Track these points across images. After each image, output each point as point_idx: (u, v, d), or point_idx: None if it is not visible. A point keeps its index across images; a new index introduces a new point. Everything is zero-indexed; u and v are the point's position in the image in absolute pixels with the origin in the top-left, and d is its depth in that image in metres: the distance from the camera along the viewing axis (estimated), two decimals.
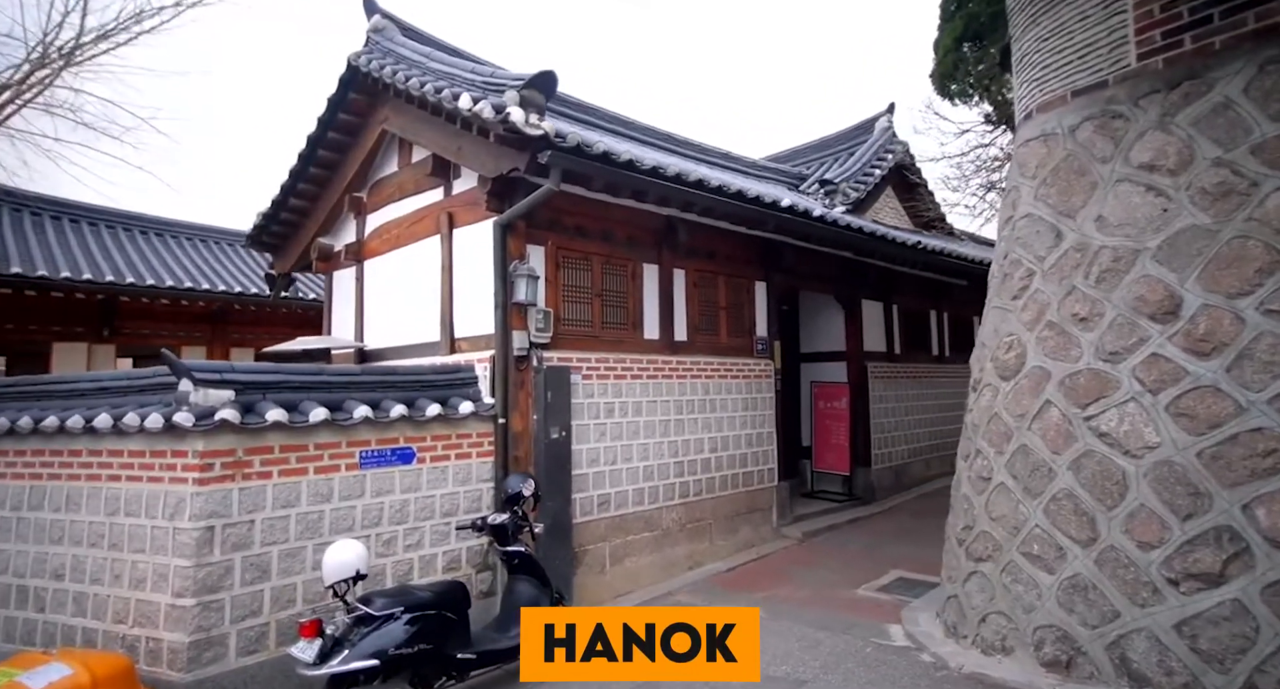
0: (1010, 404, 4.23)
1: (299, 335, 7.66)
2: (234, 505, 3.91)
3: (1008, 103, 7.14)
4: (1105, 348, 3.79)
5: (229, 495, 3.90)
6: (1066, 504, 3.79)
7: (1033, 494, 3.97)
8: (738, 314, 7.57)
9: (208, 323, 11.59)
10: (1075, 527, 3.72)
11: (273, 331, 11.39)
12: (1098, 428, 3.72)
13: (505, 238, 5.45)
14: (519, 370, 5.44)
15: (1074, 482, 3.78)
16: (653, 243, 6.67)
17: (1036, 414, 4.05)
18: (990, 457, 4.34)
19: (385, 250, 7.07)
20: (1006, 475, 4.16)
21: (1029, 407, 4.10)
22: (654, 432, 6.45)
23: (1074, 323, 3.96)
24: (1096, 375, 3.81)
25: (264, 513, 4.03)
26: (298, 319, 11.93)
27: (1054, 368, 4.01)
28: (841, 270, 9.16)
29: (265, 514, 4.03)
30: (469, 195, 5.97)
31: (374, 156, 7.20)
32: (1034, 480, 3.97)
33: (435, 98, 5.31)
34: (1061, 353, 3.99)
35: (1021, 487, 4.04)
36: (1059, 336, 4.03)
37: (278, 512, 4.08)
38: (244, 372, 4.11)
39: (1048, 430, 3.97)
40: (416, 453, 4.81)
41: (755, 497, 7.49)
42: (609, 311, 6.24)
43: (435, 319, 6.18)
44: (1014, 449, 4.14)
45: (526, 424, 5.44)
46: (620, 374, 6.20)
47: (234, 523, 3.91)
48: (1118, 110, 3.94)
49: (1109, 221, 3.90)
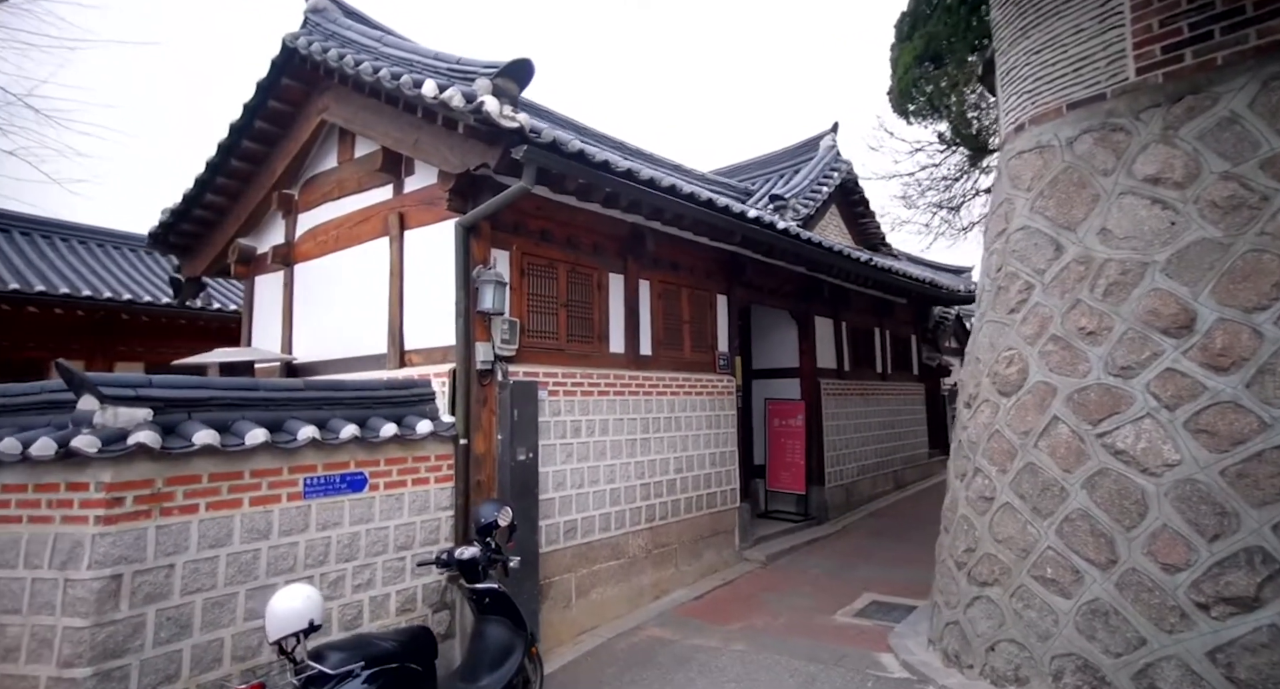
0: (1013, 421, 4.09)
1: (203, 350, 6.77)
2: (149, 548, 3.24)
3: (966, 121, 7.24)
4: (1116, 362, 3.69)
5: (143, 536, 3.22)
6: (1081, 525, 3.64)
7: (1043, 514, 3.82)
8: (700, 328, 7.28)
9: (89, 335, 10.14)
10: (1092, 548, 3.57)
11: (174, 345, 10.19)
12: (1113, 445, 3.60)
13: (468, 240, 4.95)
14: (482, 386, 4.93)
15: (1089, 501, 3.64)
16: (618, 251, 6.31)
17: (1043, 431, 3.91)
18: (992, 475, 4.18)
19: (320, 253, 6.39)
20: (1012, 495, 3.99)
21: (1034, 423, 3.96)
22: (620, 452, 6.04)
23: (1081, 337, 3.85)
24: (1108, 391, 3.70)
25: (187, 555, 3.36)
26: (203, 331, 10.77)
27: (1060, 383, 3.89)
28: (797, 286, 9.07)
29: (189, 556, 3.36)
30: (424, 194, 5.44)
31: (309, 150, 6.53)
32: (1044, 500, 3.82)
33: (392, 84, 4.78)
34: (1068, 367, 3.88)
35: (1030, 507, 3.88)
36: (1064, 351, 3.92)
37: (204, 552, 3.42)
38: (165, 386, 3.44)
39: (1057, 448, 3.83)
40: (369, 479, 4.22)
41: (719, 519, 7.17)
42: (575, 323, 5.81)
43: (382, 329, 5.57)
44: (1019, 468, 3.99)
45: (490, 445, 4.92)
46: (587, 390, 5.76)
47: (148, 569, 3.23)
48: (1118, 123, 3.90)
49: (1114, 234, 3.82)
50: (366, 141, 5.92)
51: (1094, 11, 3.99)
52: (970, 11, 7.01)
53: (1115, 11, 3.90)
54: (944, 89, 6.97)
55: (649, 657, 4.93)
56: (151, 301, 9.86)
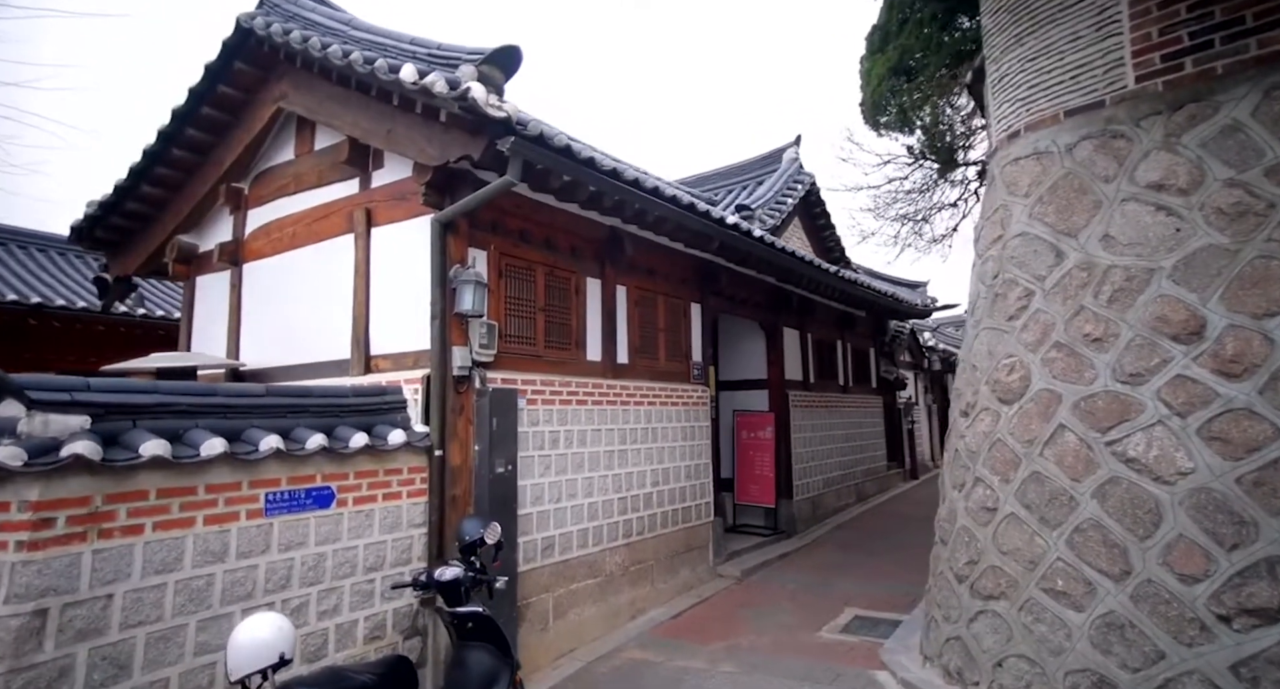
0: (1016, 429, 4.00)
1: (127, 359, 6.13)
2: (83, 576, 2.79)
3: (939, 133, 7.31)
4: (1124, 369, 3.64)
5: (76, 562, 2.77)
6: (1093, 535, 3.56)
7: (1051, 525, 3.72)
8: (675, 337, 7.08)
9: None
10: (1105, 559, 3.49)
11: (98, 356, 9.14)
12: (1123, 453, 3.53)
13: (445, 238, 4.63)
14: (458, 393, 4.58)
15: (1100, 511, 3.56)
16: (596, 255, 6.06)
17: (1049, 439, 3.84)
18: (994, 485, 4.08)
19: (274, 251, 5.92)
20: (1017, 505, 3.90)
21: (1039, 431, 3.88)
22: (599, 464, 5.75)
23: (1086, 343, 3.80)
24: (1116, 398, 3.64)
25: (129, 583, 2.92)
26: (132, 339, 9.85)
27: (1065, 390, 3.82)
28: (766, 296, 8.99)
29: (131, 584, 2.92)
30: (394, 188, 5.08)
31: (262, 141, 6.07)
32: (1052, 510, 3.73)
33: (365, 69, 4.44)
34: (1073, 374, 3.81)
35: (1037, 517, 3.79)
36: (1069, 358, 3.86)
37: (149, 579, 2.98)
38: (106, 391, 3.00)
39: (1064, 456, 3.75)
40: (337, 494, 3.82)
41: (694, 534, 6.94)
42: (553, 329, 5.52)
43: (345, 332, 5.16)
44: (1024, 477, 3.90)
45: (466, 457, 4.57)
46: (565, 399, 5.47)
47: (80, 601, 2.78)
48: (1119, 130, 3.89)
49: (1118, 240, 3.80)
50: (330, 132, 5.52)
51: (1091, 20, 4.00)
52: (941, 28, 7.10)
53: (1113, 20, 3.91)
54: (917, 101, 7.02)
55: (634, 682, 4.63)
56: (66, 305, 8.93)
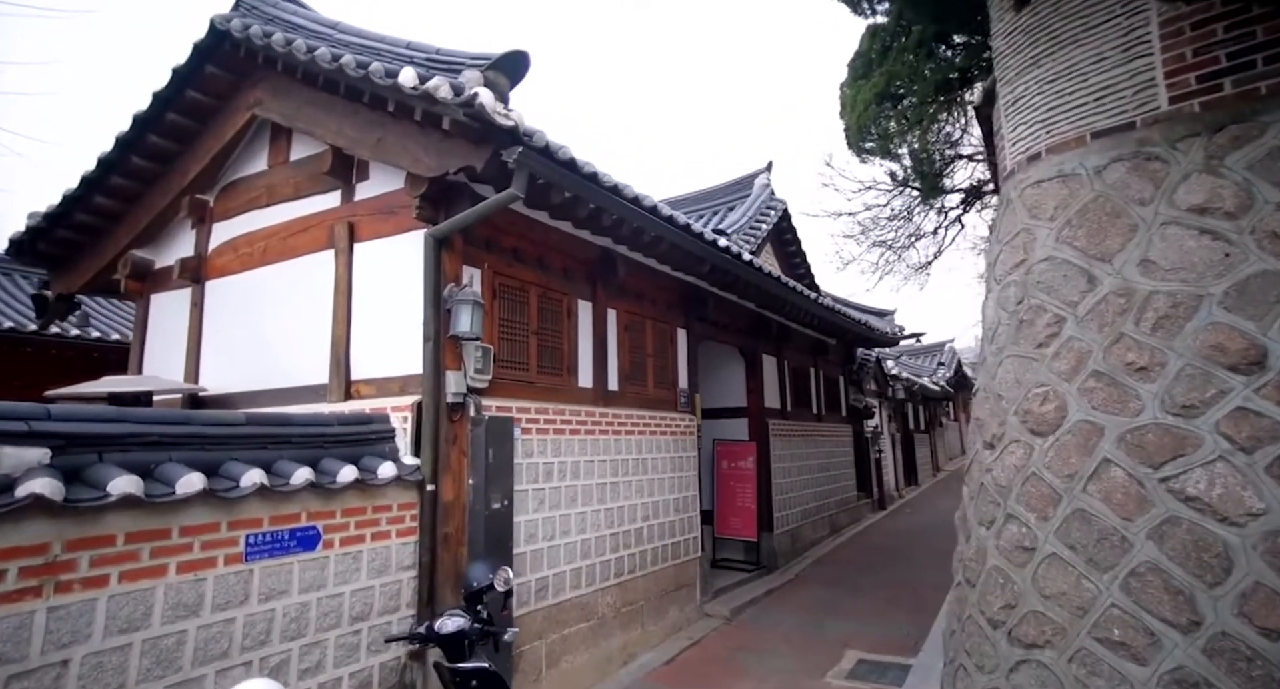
0: (1053, 463, 3.87)
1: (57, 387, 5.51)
2: (34, 640, 2.36)
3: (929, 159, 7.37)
4: (1175, 401, 3.53)
5: (26, 624, 2.35)
6: (1153, 580, 3.38)
7: (1101, 568, 3.55)
8: (662, 363, 6.86)
9: None
10: (1169, 608, 3.31)
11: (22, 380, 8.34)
12: (1182, 491, 3.40)
13: (440, 255, 4.33)
14: (452, 422, 4.24)
15: (1158, 553, 3.40)
16: (587, 276, 5.82)
17: (1093, 474, 3.69)
18: (1031, 523, 3.92)
19: (242, 268, 5.49)
20: (1059, 545, 3.73)
21: (1080, 466, 3.75)
22: (591, 498, 5.44)
23: (1129, 372, 3.70)
24: (1168, 431, 3.52)
25: (89, 645, 2.49)
26: (64, 362, 9.05)
27: (1108, 422, 3.70)
28: (747, 322, 8.88)
29: (91, 647, 2.50)
30: (381, 201, 4.76)
31: (231, 150, 5.67)
32: (1101, 551, 3.56)
33: (357, 73, 4.15)
34: (1116, 405, 3.70)
35: (1084, 559, 3.62)
36: (1110, 388, 3.75)
37: (112, 640, 2.56)
38: (69, 419, 2.60)
39: (1112, 493, 3.61)
40: (323, 535, 3.43)
41: (682, 571, 6.64)
42: (545, 354, 5.24)
43: (322, 356, 4.77)
44: (1066, 515, 3.75)
45: (460, 491, 4.22)
46: (559, 428, 5.16)
47: (30, 670, 2.35)
48: (1153, 152, 3.85)
49: (1159, 265, 3.72)
50: (309, 142, 5.18)
51: (1116, 41, 3.99)
52: (927, 56, 7.21)
53: (1141, 41, 3.90)
54: (904, 126, 7.08)
55: None
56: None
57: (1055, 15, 4.34)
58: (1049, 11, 4.40)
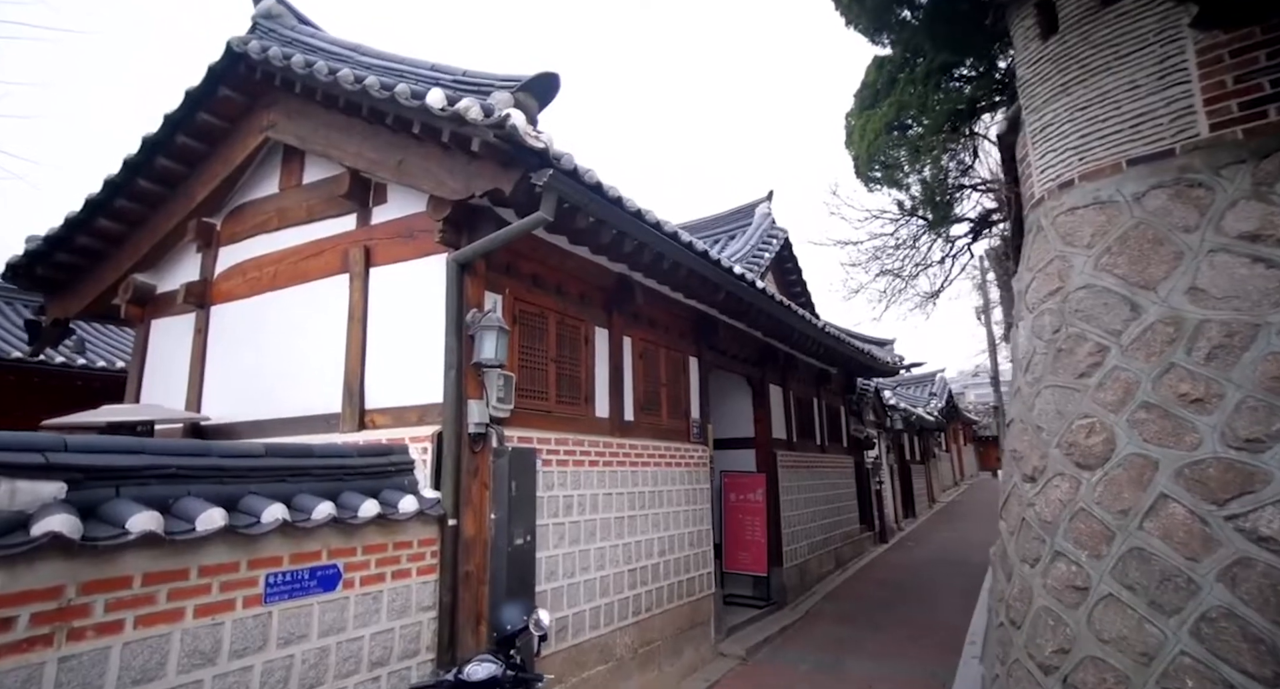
0: (1104, 498, 3.74)
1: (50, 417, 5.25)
2: None
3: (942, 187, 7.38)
4: (1237, 434, 3.41)
5: (35, 677, 2.14)
6: (1227, 627, 3.21)
7: (1166, 611, 3.38)
8: (675, 392, 6.73)
9: None
10: (1250, 658, 3.13)
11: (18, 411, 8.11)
12: (1252, 530, 3.26)
13: (462, 280, 4.20)
14: (474, 453, 4.07)
15: (1231, 597, 3.23)
16: (604, 303, 5.71)
17: (1149, 511, 3.55)
18: (1082, 561, 3.76)
19: (249, 293, 5.33)
20: (1115, 585, 3.58)
21: (1135, 501, 3.62)
22: (609, 533, 5.24)
23: (1183, 404, 3.59)
24: (1231, 467, 3.39)
25: None
26: (54, 392, 8.69)
27: (1162, 455, 3.58)
28: (755, 351, 8.78)
29: None
30: (400, 225, 4.65)
31: (241, 173, 5.55)
32: (1165, 594, 3.40)
33: (382, 94, 4.07)
34: (1170, 438, 3.58)
35: (1145, 601, 3.46)
36: (1163, 420, 3.64)
37: None
38: (85, 450, 2.42)
39: (1172, 531, 3.46)
40: (343, 573, 3.23)
41: (697, 608, 6.42)
42: (564, 382, 5.09)
43: (334, 384, 4.60)
44: (1121, 553, 3.60)
45: (482, 526, 4.03)
46: (579, 460, 4.99)
47: None
48: (1196, 178, 3.81)
49: (1209, 294, 3.65)
50: (323, 164, 5.07)
51: (1151, 69, 3.98)
52: (936, 87, 7.27)
53: (1178, 68, 3.89)
54: (915, 155, 7.10)
55: None
56: None
57: (1084, 44, 4.35)
58: (1078, 40, 4.41)
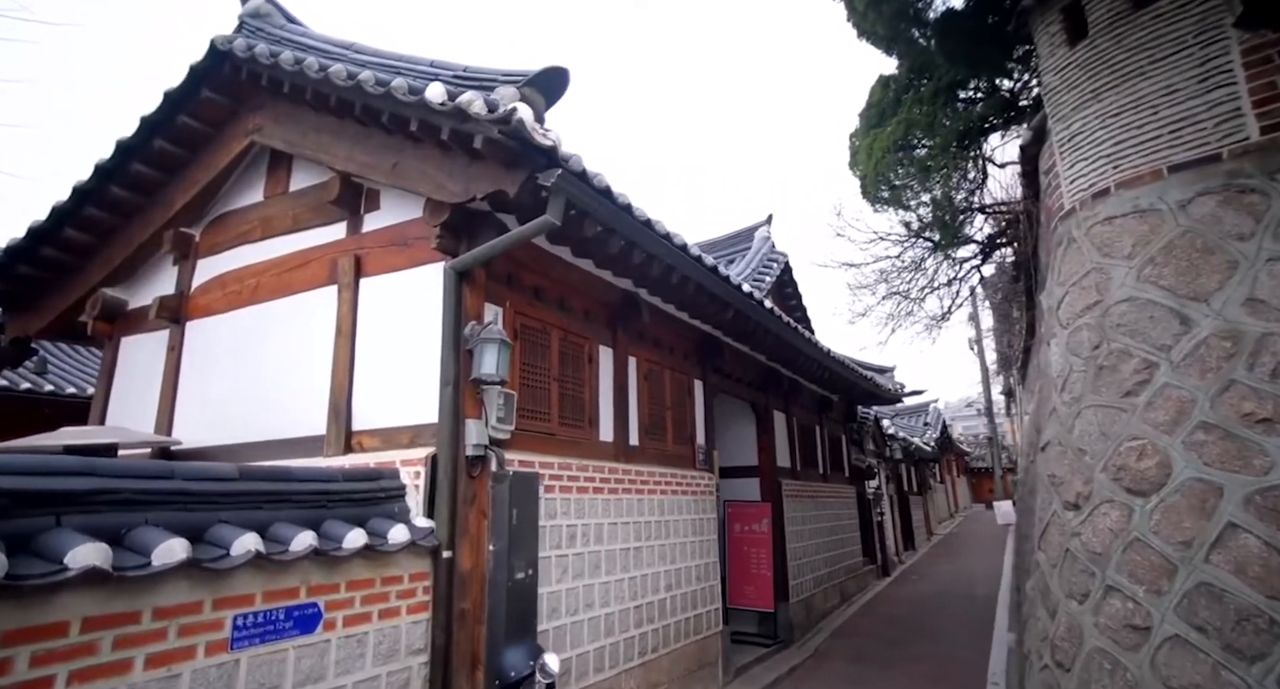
0: (1162, 527, 3.42)
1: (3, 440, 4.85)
2: None
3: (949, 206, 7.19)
4: None
5: None
6: None
7: (1246, 657, 3.04)
8: (680, 417, 6.38)
9: None
10: None
11: None
12: None
13: (461, 290, 3.88)
14: (471, 478, 3.70)
15: None
16: (608, 321, 5.39)
17: (1216, 542, 3.23)
18: (1140, 597, 3.43)
19: (229, 307, 4.97)
20: (1183, 625, 3.24)
21: (1198, 531, 3.30)
22: (615, 566, 4.85)
23: (1248, 425, 3.30)
24: None
25: None
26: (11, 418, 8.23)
27: (1227, 481, 3.28)
28: (759, 376, 8.47)
29: None
30: (393, 233, 4.33)
31: (223, 180, 5.23)
32: (1243, 636, 3.07)
33: (377, 90, 3.79)
34: (1235, 462, 3.29)
35: (1220, 644, 3.12)
36: (1225, 441, 3.35)
37: None
38: (18, 472, 2.04)
39: (1246, 565, 3.14)
40: (324, 612, 2.83)
41: (705, 648, 5.99)
42: (566, 402, 4.74)
43: (318, 404, 4.23)
44: (1186, 588, 3.28)
45: (479, 558, 3.63)
46: (582, 486, 4.62)
47: None
48: (1247, 184, 3.59)
49: (1271, 305, 3.39)
50: (311, 170, 4.77)
51: (1191, 72, 3.80)
52: (943, 105, 7.13)
53: (1222, 70, 3.71)
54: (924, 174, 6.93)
55: None
56: None
57: (1117, 48, 4.17)
58: (1109, 45, 4.23)
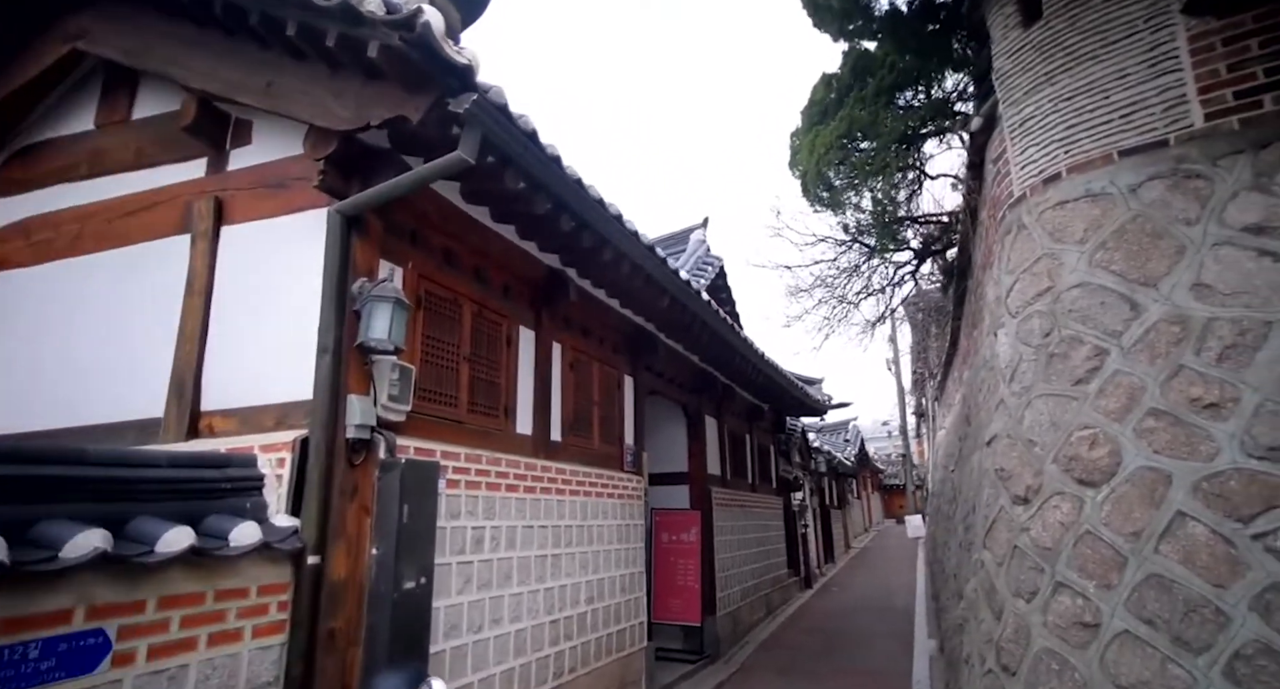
0: (1112, 518, 3.11)
1: None
2: None
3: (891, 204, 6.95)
4: (1259, 441, 2.88)
5: None
6: (1267, 665, 2.60)
7: (1194, 648, 2.75)
8: (608, 414, 5.79)
9: None
10: None
11: None
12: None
13: (349, 238, 3.18)
14: (352, 466, 2.98)
15: (1267, 629, 2.64)
16: (531, 300, 4.76)
17: (1165, 531, 2.95)
18: (1090, 593, 3.09)
19: (34, 260, 4.03)
20: (1132, 620, 2.92)
21: (1147, 521, 3.00)
22: (529, 575, 4.18)
23: (1195, 410, 3.05)
24: (1254, 478, 2.84)
25: None
26: None
27: (1175, 468, 3.01)
28: (691, 377, 7.98)
29: None
30: (265, 172, 3.58)
31: (33, 100, 4.27)
32: (1190, 627, 2.76)
33: None
34: (1183, 448, 3.02)
35: (1168, 637, 2.81)
36: (1174, 427, 3.08)
37: None
38: None
39: (1194, 554, 2.86)
40: (114, 642, 2.06)
41: (627, 666, 5.36)
42: (479, 387, 4.07)
43: (157, 378, 3.39)
44: (1136, 581, 2.96)
45: (358, 565, 2.91)
46: (494, 483, 3.95)
47: None
48: (1194, 169, 3.40)
49: (1216, 290, 3.18)
50: (163, 94, 3.94)
51: (1140, 57, 3.62)
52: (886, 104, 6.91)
53: (1169, 56, 3.53)
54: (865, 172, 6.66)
55: None
56: None
57: (1071, 30, 3.94)
58: (1064, 26, 4.00)
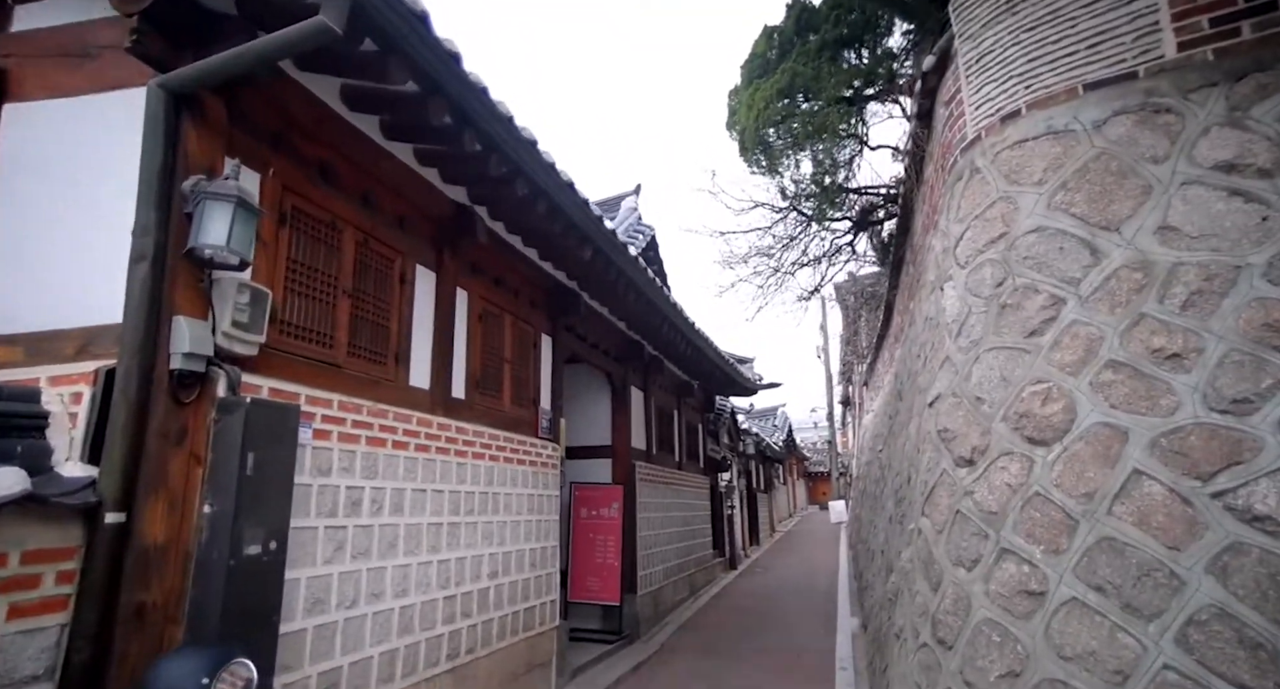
0: (1064, 479, 2.85)
1: None
2: None
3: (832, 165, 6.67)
4: (1223, 394, 2.65)
5: None
6: (1220, 630, 2.38)
7: (1144, 616, 2.51)
8: (521, 374, 5.29)
9: None
10: (1247, 669, 2.30)
11: None
12: (1247, 509, 2.47)
13: (179, 120, 2.58)
14: (179, 404, 2.40)
15: (1223, 592, 2.41)
16: (433, 237, 4.21)
17: (1120, 492, 2.71)
18: (1037, 559, 2.84)
19: None
20: (1080, 587, 2.67)
21: (1101, 481, 2.75)
22: (419, 545, 3.66)
23: (1157, 361, 2.81)
24: (1215, 433, 2.62)
25: None
26: None
27: (1133, 424, 2.77)
28: (617, 346, 7.55)
29: None
30: (62, 37, 2.91)
31: None
32: (1143, 593, 2.53)
33: None
34: (1143, 403, 2.78)
35: (1118, 603, 2.57)
36: (1134, 381, 2.84)
37: None
38: None
39: (1149, 515, 2.62)
40: None
41: (536, 647, 4.91)
42: (362, 327, 3.51)
43: None
44: (1086, 545, 2.71)
45: (184, 526, 2.34)
46: (377, 438, 3.41)
47: None
48: (1164, 103, 3.16)
49: (1183, 233, 2.95)
50: None
51: None
52: (830, 60, 6.62)
53: None
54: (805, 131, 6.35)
55: None
56: None
57: None
58: None
